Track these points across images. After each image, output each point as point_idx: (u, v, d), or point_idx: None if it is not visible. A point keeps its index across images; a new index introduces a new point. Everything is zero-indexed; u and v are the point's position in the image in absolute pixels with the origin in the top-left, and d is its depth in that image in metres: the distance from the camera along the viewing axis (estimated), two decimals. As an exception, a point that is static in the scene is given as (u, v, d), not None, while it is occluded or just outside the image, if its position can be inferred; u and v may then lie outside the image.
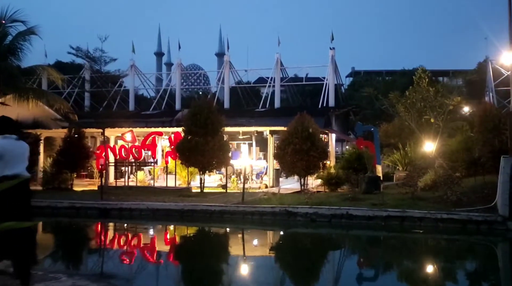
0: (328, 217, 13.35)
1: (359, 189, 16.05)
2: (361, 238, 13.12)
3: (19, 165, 4.82)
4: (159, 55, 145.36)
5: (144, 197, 16.56)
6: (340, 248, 12.24)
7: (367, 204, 13.88)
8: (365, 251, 11.64)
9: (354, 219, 13.12)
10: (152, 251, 11.11)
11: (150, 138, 20.75)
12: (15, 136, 5.24)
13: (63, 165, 19.82)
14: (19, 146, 5.20)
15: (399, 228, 12.79)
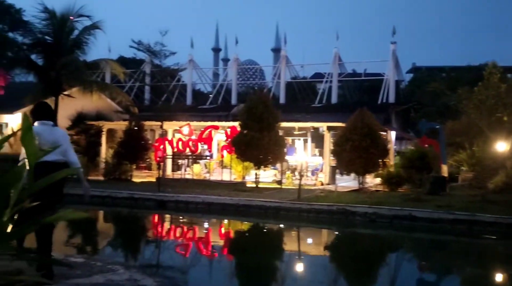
0: (389, 218, 12.75)
1: (422, 189, 15.26)
2: (425, 241, 12.40)
3: (52, 152, 4.63)
4: (216, 51, 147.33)
5: (199, 190, 16.62)
6: (401, 251, 11.62)
7: (431, 205, 13.13)
8: (429, 256, 10.96)
9: (418, 221, 12.43)
10: (207, 245, 11.02)
11: (207, 132, 20.84)
12: (51, 122, 5.22)
13: (124, 157, 20.33)
14: (53, 133, 5.16)
15: (468, 232, 11.98)
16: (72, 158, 5.29)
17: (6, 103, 24.17)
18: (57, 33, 20.89)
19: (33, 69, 21.09)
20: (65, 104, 22.75)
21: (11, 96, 24.26)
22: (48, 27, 20.88)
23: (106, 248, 10.46)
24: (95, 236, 12.04)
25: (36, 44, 20.90)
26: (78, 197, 14.45)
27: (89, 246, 10.59)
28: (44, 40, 21.01)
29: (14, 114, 24.13)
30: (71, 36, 21.44)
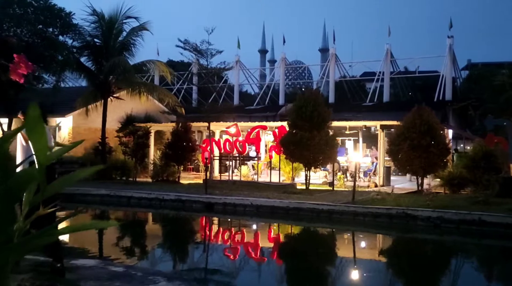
0: (455, 222, 11.61)
1: (490, 191, 13.93)
2: (496, 249, 11.20)
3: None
4: (262, 52, 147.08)
5: (248, 192, 16.04)
6: (470, 260, 10.50)
7: (503, 209, 11.88)
8: (503, 266, 9.82)
9: (488, 226, 11.24)
10: (258, 251, 10.37)
11: (254, 132, 20.25)
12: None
13: (171, 158, 20.10)
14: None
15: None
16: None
17: (59, 107, 24.65)
18: (106, 36, 20.99)
19: (83, 71, 21.27)
20: (114, 106, 22.91)
21: (63, 100, 24.77)
22: (97, 30, 21.03)
23: (149, 255, 10.02)
24: (139, 241, 11.68)
25: (85, 47, 21.09)
26: (127, 199, 14.17)
27: (132, 253, 10.17)
28: (93, 43, 21.18)
29: (66, 117, 24.54)
30: (119, 38, 21.51)
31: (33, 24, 18.94)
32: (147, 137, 20.68)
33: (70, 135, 24.69)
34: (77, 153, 23.38)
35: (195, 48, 18.83)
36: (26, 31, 19.02)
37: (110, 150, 21.68)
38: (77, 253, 8.74)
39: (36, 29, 19.14)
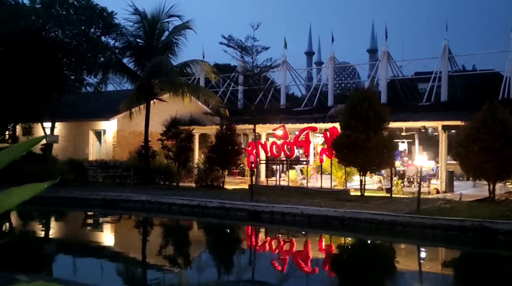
0: (545, 238, 9.85)
1: None
2: None
3: None
4: (309, 54, 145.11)
5: (297, 199, 14.73)
6: None
7: None
8: None
9: None
10: (312, 268, 9.05)
11: (303, 134, 18.92)
12: None
13: (215, 162, 19.11)
14: None
15: None
16: None
17: (103, 111, 24.33)
18: (148, 35, 20.33)
19: (125, 73, 20.70)
20: (159, 109, 22.27)
21: (108, 104, 24.45)
22: (139, 30, 20.40)
23: (190, 269, 8.94)
24: (176, 254, 10.61)
25: (127, 47, 20.50)
26: (168, 206, 13.17)
27: (168, 269, 9.13)
28: (136, 43, 20.57)
29: (111, 121, 24.16)
30: (162, 38, 20.80)
31: (75, 25, 18.51)
32: (190, 140, 19.77)
33: (115, 139, 24.28)
34: (122, 157, 22.91)
35: (240, 45, 17.72)
36: (68, 32, 18.61)
37: (153, 154, 20.96)
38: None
39: (79, 30, 18.70)
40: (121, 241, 12.17)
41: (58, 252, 10.48)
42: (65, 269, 8.86)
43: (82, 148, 24.90)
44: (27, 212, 15.35)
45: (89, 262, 9.59)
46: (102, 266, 9.24)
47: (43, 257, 10.04)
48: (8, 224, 14.34)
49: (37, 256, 9.91)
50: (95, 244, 11.52)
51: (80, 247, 10.89)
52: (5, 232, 12.99)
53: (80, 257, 10.05)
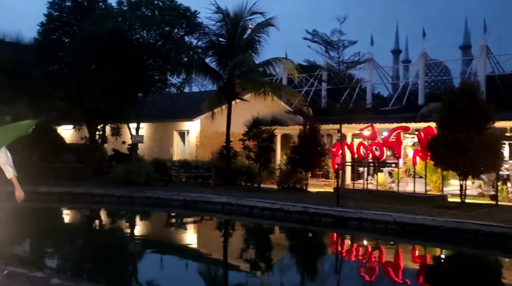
0: None
1: None
2: None
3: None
4: (396, 52, 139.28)
5: (387, 205, 13.47)
6: None
7: None
8: None
9: None
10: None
11: (394, 134, 17.51)
12: None
13: (298, 164, 18.31)
14: None
15: None
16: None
17: (187, 111, 24.52)
18: (230, 34, 20.04)
19: (207, 73, 20.58)
20: (241, 109, 21.97)
21: (191, 105, 24.63)
22: (222, 28, 20.18)
23: (270, 277, 8.21)
24: (259, 259, 9.92)
25: (209, 46, 20.37)
26: (249, 209, 12.66)
27: (252, 273, 8.48)
28: (218, 42, 20.38)
29: (194, 121, 24.27)
30: (244, 36, 20.42)
31: (159, 26, 18.63)
32: (272, 140, 19.15)
33: (198, 139, 24.36)
34: (204, 158, 22.90)
35: (325, 39, 16.75)
36: (153, 33, 18.79)
37: (234, 154, 20.61)
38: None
39: (163, 31, 18.81)
40: (203, 243, 11.80)
41: (141, 252, 10.31)
42: (148, 268, 8.60)
43: (167, 148, 25.29)
44: (115, 210, 15.61)
45: (173, 262, 9.32)
46: (185, 268, 8.92)
47: (128, 256, 9.90)
48: (98, 222, 14.63)
49: (122, 255, 9.76)
50: (177, 245, 11.23)
51: (163, 248, 10.68)
52: (95, 229, 13.18)
53: (163, 257, 9.83)
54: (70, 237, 11.65)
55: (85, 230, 12.85)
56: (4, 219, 10.31)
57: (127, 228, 13.85)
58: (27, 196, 15.80)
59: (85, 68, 18.29)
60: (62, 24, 20.43)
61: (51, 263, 8.78)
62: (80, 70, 18.19)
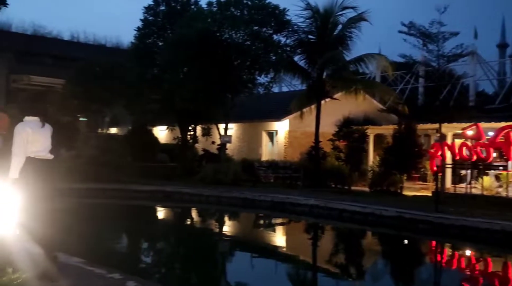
0: None
1: None
2: None
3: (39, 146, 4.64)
4: (502, 47, 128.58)
5: (495, 212, 12.04)
6: None
7: None
8: None
9: None
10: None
11: (503, 134, 15.74)
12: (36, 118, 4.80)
13: (392, 165, 17.19)
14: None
15: None
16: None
17: (275, 111, 24.29)
18: (320, 31, 19.42)
19: (295, 71, 20.13)
20: (331, 108, 21.28)
21: (279, 105, 24.36)
22: (311, 25, 19.62)
23: None
24: (352, 266, 9.26)
25: (298, 44, 19.90)
26: (338, 212, 12.02)
27: (345, 280, 7.90)
28: (307, 40, 19.84)
29: (282, 121, 23.97)
30: (334, 32, 19.68)
31: (248, 25, 18.56)
32: (363, 140, 18.23)
33: (286, 139, 24.02)
34: (293, 158, 22.49)
35: (423, 32, 15.50)
36: (242, 33, 18.76)
37: (324, 155, 19.92)
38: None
39: (251, 30, 18.71)
40: (292, 245, 11.40)
41: (231, 252, 10.22)
42: (238, 269, 8.56)
43: (255, 149, 25.27)
44: (204, 210, 15.74)
45: (263, 264, 9.17)
46: (275, 269, 8.75)
47: (218, 256, 9.83)
48: (188, 221, 14.84)
49: (211, 256, 9.68)
50: (267, 246, 10.95)
51: (252, 249, 10.51)
52: (185, 228, 13.34)
53: (252, 258, 9.73)
54: (160, 236, 11.86)
55: (174, 230, 13.06)
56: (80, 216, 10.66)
57: (216, 228, 13.87)
58: (121, 194, 16.35)
59: (176, 70, 18.75)
60: (157, 28, 21.18)
61: (138, 262, 8.86)
62: (171, 72, 18.66)
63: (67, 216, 13.35)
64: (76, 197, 15.58)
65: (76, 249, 8.59)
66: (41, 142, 4.66)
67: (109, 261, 7.42)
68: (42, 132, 4.70)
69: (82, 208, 15.13)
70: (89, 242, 9.44)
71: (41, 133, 4.69)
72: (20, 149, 4.55)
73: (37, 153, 4.63)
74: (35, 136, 4.63)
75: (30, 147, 4.60)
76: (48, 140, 4.75)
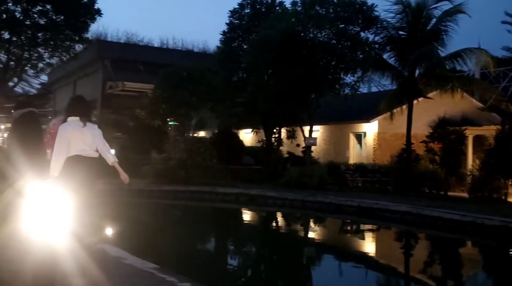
0: None
1: None
2: None
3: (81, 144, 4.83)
4: None
5: None
6: None
7: None
8: None
9: None
10: None
11: None
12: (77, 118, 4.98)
13: (494, 169, 15.60)
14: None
15: None
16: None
17: (363, 112, 23.30)
18: (412, 26, 18.23)
19: (385, 69, 19.07)
20: (425, 109, 19.99)
21: (367, 105, 23.33)
22: (402, 21, 18.48)
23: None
24: (443, 283, 8.34)
25: (387, 41, 18.82)
26: (432, 220, 11.05)
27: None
28: (397, 36, 18.71)
29: (371, 123, 22.92)
30: (427, 27, 18.36)
31: (333, 23, 17.91)
32: (461, 142, 16.74)
33: (375, 142, 22.92)
34: (383, 161, 21.38)
35: (531, 20, 13.87)
36: (327, 31, 18.15)
37: (416, 158, 18.63)
38: None
39: (337, 28, 18.04)
40: (382, 254, 10.65)
41: (319, 258, 9.80)
42: (326, 276, 8.17)
43: (342, 151, 24.43)
44: (288, 214, 15.39)
45: (352, 272, 8.70)
46: (365, 278, 8.26)
47: (305, 262, 9.46)
48: (274, 225, 14.58)
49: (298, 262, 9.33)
50: (356, 253, 10.35)
51: (341, 255, 10.04)
52: (272, 233, 13.08)
53: (341, 265, 9.34)
54: (245, 241, 11.68)
55: (259, 235, 12.81)
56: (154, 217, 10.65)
57: (302, 234, 13.42)
58: (207, 196, 16.56)
59: (260, 72, 18.60)
60: (242, 31, 21.25)
61: (218, 269, 8.67)
62: (256, 74, 18.55)
63: (156, 217, 13.72)
64: (164, 199, 16.03)
65: (159, 252, 8.68)
66: (83, 140, 4.86)
67: (188, 267, 7.32)
68: (84, 131, 4.89)
69: (170, 210, 15.52)
70: (173, 245, 9.49)
71: (83, 132, 4.88)
72: (61, 148, 4.73)
73: (80, 151, 4.80)
74: (76, 135, 4.82)
75: (73, 146, 4.79)
76: (91, 139, 4.93)
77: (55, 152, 4.75)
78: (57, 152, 4.74)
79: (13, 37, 17.65)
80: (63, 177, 4.67)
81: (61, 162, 4.71)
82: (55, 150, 4.75)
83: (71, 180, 4.66)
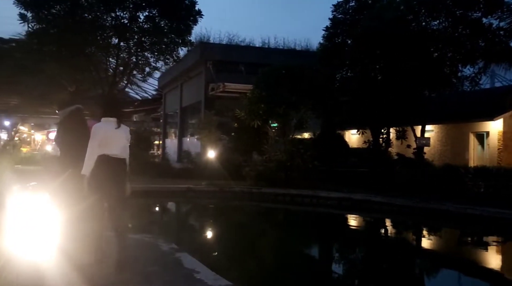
0: None
1: None
2: None
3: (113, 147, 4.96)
4: None
5: None
6: None
7: None
8: None
9: None
10: None
11: None
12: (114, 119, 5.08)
13: None
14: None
15: None
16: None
17: (485, 110, 20.75)
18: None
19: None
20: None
21: (490, 102, 20.75)
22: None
23: None
24: None
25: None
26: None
27: None
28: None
29: (495, 121, 20.30)
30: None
31: (450, 9, 15.97)
32: None
33: (500, 142, 20.23)
34: (510, 164, 18.78)
35: None
36: (442, 19, 16.24)
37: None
38: None
39: (454, 15, 16.05)
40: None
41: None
42: None
43: (461, 153, 21.99)
44: (397, 222, 13.88)
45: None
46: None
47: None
48: (383, 231, 13.23)
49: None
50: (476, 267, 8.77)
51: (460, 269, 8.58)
52: (379, 238, 11.82)
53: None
54: (349, 254, 10.58)
55: (365, 246, 11.53)
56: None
57: (415, 245, 11.82)
58: (308, 200, 15.47)
59: (366, 66, 17.25)
60: (346, 26, 20.04)
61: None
62: (360, 69, 17.25)
63: (256, 223, 13.11)
64: (264, 202, 15.47)
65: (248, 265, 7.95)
66: (116, 141, 4.93)
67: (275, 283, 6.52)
68: (117, 132, 4.98)
69: (268, 215, 14.86)
70: (267, 258, 8.75)
71: (116, 133, 4.96)
72: (93, 148, 4.79)
73: (111, 152, 4.85)
74: (109, 135, 4.89)
75: (104, 146, 4.82)
76: (123, 140, 5.02)
77: (88, 151, 4.79)
78: (89, 151, 4.78)
79: (121, 42, 18.37)
80: (92, 176, 4.70)
81: (92, 161, 4.74)
82: (88, 149, 4.79)
83: (98, 179, 4.68)
